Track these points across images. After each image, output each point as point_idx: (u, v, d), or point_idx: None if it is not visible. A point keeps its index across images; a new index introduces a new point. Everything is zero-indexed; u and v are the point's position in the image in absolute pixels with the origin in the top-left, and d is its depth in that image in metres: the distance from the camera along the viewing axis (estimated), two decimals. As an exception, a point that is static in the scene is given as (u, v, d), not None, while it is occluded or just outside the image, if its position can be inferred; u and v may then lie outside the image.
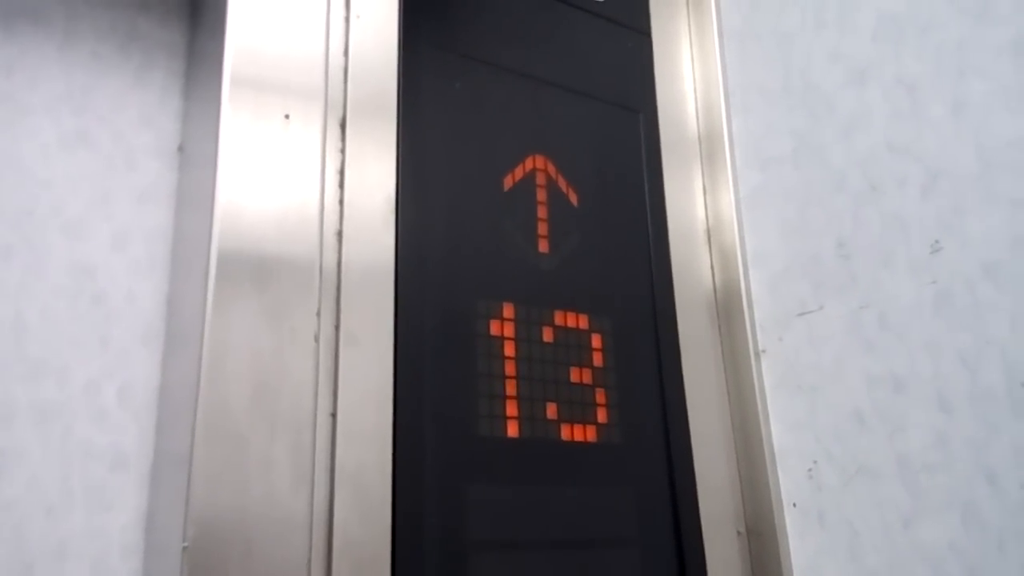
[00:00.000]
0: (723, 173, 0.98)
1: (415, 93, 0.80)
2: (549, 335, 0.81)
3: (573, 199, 0.88)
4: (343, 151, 0.74)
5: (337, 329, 0.69)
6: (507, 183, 0.84)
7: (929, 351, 0.73)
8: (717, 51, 1.01)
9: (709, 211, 0.98)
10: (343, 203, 0.72)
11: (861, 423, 0.79)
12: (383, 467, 0.67)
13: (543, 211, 0.85)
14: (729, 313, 0.94)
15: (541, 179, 0.86)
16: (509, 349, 0.78)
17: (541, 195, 0.85)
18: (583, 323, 0.83)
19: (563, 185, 0.87)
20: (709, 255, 0.97)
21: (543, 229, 0.84)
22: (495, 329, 0.78)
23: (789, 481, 0.86)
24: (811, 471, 0.83)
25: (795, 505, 0.85)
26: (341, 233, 0.72)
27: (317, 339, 0.68)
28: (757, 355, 0.90)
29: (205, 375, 0.62)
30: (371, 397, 0.68)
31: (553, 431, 0.78)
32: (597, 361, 0.83)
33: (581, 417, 0.80)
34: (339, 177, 0.73)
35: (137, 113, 0.88)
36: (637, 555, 0.79)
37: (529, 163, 0.86)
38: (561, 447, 0.78)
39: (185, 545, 0.57)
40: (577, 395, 0.80)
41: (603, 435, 0.81)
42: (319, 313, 0.68)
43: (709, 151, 1.00)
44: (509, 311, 0.79)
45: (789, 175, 0.90)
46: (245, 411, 0.63)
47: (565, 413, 0.79)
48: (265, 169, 0.69)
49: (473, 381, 0.75)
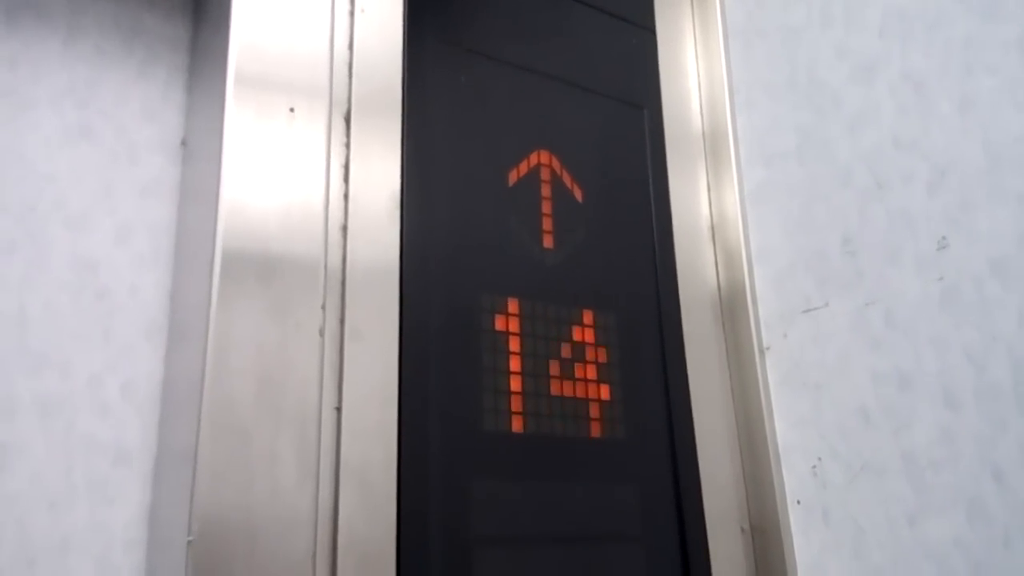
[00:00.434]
0: (727, 169, 0.97)
1: (420, 88, 0.79)
2: (553, 330, 0.81)
3: (578, 195, 0.87)
4: (348, 146, 0.74)
5: (342, 324, 0.69)
6: (512, 178, 0.83)
7: (935, 347, 0.73)
8: (722, 47, 1.01)
9: (713, 207, 0.98)
10: (348, 198, 0.72)
11: (866, 420, 0.79)
12: (388, 462, 0.67)
13: (548, 206, 0.85)
14: (733, 309, 0.93)
15: (546, 174, 0.86)
16: (514, 344, 0.78)
17: (546, 190, 0.85)
18: (588, 318, 0.83)
19: (568, 181, 0.87)
20: (713, 251, 0.97)
21: (548, 224, 0.84)
22: (500, 324, 0.77)
23: (793, 478, 0.85)
24: (815, 468, 0.83)
25: (799, 502, 0.84)
26: (346, 228, 0.71)
27: (322, 333, 0.67)
28: (761, 352, 0.90)
29: (209, 370, 0.62)
30: (376, 392, 0.68)
31: (558, 427, 0.78)
32: (601, 357, 0.83)
33: (586, 413, 0.80)
34: (344, 172, 0.73)
35: (140, 107, 0.88)
36: (641, 551, 0.79)
37: (534, 158, 0.85)
38: (566, 443, 0.78)
39: (190, 539, 0.57)
40: (582, 391, 0.80)
41: (607, 431, 0.81)
42: (324, 307, 0.68)
43: (713, 147, 1.00)
44: (514, 306, 0.79)
45: (794, 171, 0.90)
46: (249, 406, 0.62)
47: (570, 409, 0.79)
48: (269, 164, 0.69)
49: (478, 376, 0.75)
